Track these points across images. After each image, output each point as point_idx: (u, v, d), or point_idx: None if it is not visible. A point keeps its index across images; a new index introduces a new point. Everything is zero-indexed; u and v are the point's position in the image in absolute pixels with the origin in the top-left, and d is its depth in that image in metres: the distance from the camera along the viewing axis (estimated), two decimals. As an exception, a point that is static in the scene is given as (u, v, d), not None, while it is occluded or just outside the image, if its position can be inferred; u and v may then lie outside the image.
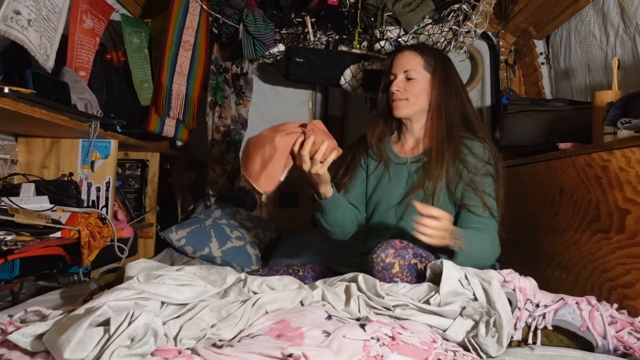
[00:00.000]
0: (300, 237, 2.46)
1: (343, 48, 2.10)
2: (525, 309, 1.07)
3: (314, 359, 0.77)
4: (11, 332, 0.83)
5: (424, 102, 1.54)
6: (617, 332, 1.03)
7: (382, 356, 0.84)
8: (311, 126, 1.33)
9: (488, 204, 1.42)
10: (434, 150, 1.48)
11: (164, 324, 0.86)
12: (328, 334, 0.88)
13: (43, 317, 0.96)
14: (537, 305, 1.08)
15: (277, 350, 0.78)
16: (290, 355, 0.76)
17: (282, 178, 1.34)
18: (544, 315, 1.06)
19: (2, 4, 1.20)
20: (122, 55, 2.07)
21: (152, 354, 0.76)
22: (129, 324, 0.76)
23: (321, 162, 1.34)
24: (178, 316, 0.91)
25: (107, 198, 1.74)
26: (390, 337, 0.89)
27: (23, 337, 0.80)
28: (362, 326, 0.90)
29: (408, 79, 1.53)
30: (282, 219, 2.80)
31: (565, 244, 1.51)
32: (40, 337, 0.81)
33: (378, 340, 0.87)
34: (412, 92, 1.52)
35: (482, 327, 0.96)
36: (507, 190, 1.48)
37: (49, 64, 1.43)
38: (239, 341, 0.87)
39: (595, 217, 1.35)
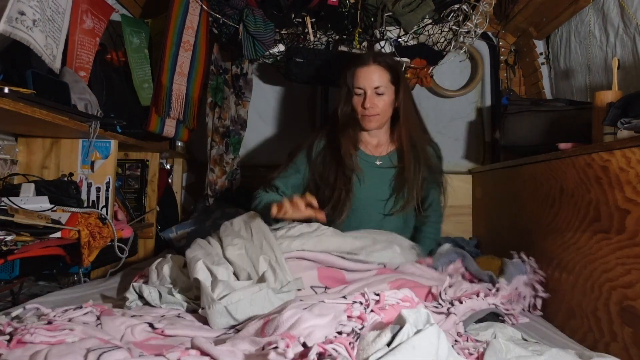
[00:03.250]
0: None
1: (343, 48, 2.10)
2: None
3: (296, 328, 0.78)
4: (9, 332, 0.83)
5: (390, 112, 1.69)
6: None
7: (366, 315, 0.87)
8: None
9: (442, 201, 1.81)
10: (406, 157, 1.67)
11: None
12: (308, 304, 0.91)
13: (43, 316, 0.96)
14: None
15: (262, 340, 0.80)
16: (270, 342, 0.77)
17: None
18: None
19: (6, 5, 1.20)
20: (122, 55, 2.07)
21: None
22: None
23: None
24: None
25: (107, 198, 1.74)
26: (375, 301, 0.93)
27: None
28: (343, 297, 0.95)
29: (377, 94, 1.63)
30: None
31: (565, 244, 1.51)
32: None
33: (361, 304, 0.90)
34: (382, 106, 1.64)
35: None
36: (507, 190, 1.51)
37: (56, 64, 1.43)
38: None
39: (595, 218, 1.35)
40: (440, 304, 1.17)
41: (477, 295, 1.27)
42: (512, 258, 1.63)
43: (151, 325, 1.01)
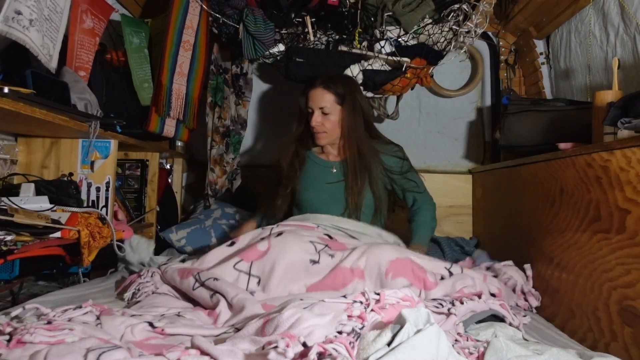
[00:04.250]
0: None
1: (343, 48, 2.10)
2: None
3: (296, 327, 0.79)
4: (9, 332, 0.83)
5: (339, 129, 1.87)
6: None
7: (366, 315, 0.87)
8: None
9: (422, 185, 1.97)
10: (350, 170, 1.83)
11: None
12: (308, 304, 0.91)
13: (42, 315, 0.96)
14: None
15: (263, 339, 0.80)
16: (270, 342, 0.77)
17: None
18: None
19: (3, 5, 1.19)
20: (122, 55, 2.06)
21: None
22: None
23: None
24: None
25: (107, 198, 1.73)
26: (375, 300, 0.92)
27: None
28: (343, 296, 0.95)
29: (324, 113, 1.84)
30: (282, 219, 2.80)
31: (565, 244, 1.51)
32: None
33: (361, 303, 0.90)
34: (329, 125, 1.85)
35: None
36: (507, 190, 1.52)
37: (52, 64, 1.42)
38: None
39: (596, 217, 1.35)
40: (441, 304, 1.17)
41: (479, 297, 1.27)
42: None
43: (151, 324, 1.01)
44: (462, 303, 1.21)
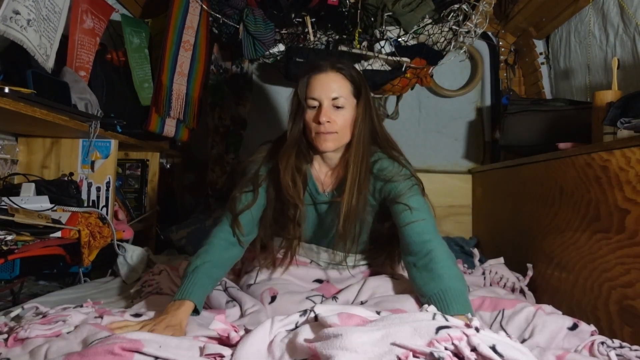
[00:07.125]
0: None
1: (343, 48, 2.10)
2: None
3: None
4: (6, 332, 0.84)
5: (350, 132, 1.34)
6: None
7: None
8: None
9: (422, 209, 1.31)
10: (349, 187, 1.31)
11: None
12: None
13: (41, 314, 0.97)
14: None
15: None
16: None
17: None
18: None
19: (1, 4, 1.20)
20: (122, 55, 2.07)
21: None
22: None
23: None
24: None
25: (107, 198, 1.74)
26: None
27: None
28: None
29: (336, 107, 1.30)
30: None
31: (565, 244, 1.51)
32: None
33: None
34: (342, 123, 1.31)
35: None
36: (507, 190, 1.49)
37: (49, 64, 1.43)
38: None
39: (595, 217, 1.35)
40: None
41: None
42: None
43: (150, 324, 1.01)
44: None
